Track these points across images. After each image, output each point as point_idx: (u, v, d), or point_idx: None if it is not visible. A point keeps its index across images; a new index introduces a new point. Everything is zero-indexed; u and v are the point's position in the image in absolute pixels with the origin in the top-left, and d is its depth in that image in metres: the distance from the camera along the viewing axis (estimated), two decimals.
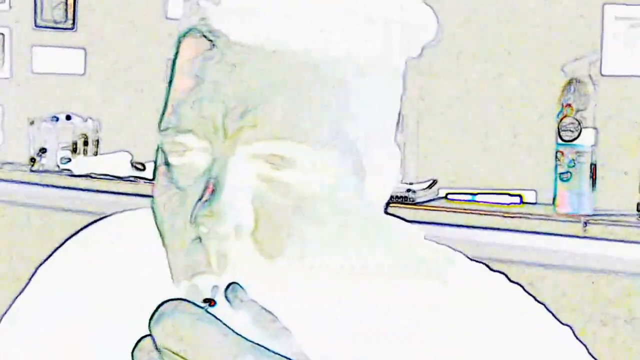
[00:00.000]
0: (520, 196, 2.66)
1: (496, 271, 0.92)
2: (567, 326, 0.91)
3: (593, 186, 2.50)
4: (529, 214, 2.50)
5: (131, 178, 3.06)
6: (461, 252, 0.94)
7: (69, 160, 3.19)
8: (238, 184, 0.81)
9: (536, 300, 0.92)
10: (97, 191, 3.07)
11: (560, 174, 2.51)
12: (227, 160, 0.81)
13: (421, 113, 2.88)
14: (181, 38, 0.87)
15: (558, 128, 2.51)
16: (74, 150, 3.25)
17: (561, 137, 2.51)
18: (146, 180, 3.02)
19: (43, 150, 3.24)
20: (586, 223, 2.41)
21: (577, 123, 2.49)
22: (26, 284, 1.00)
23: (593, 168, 2.50)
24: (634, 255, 2.37)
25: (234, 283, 0.80)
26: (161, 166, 0.86)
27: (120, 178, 3.07)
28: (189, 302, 0.77)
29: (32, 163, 3.24)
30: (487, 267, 0.93)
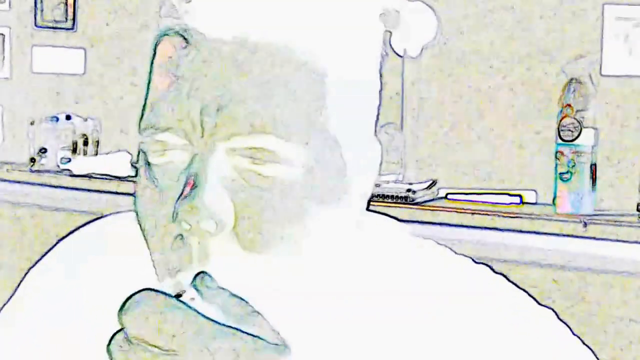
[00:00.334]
0: (520, 196, 2.66)
1: (480, 263, 0.93)
2: (550, 309, 0.91)
3: (593, 186, 2.50)
4: (529, 214, 2.50)
5: (131, 178, 3.06)
6: (451, 249, 0.94)
7: (69, 160, 3.19)
8: (218, 180, 0.81)
9: (519, 287, 0.93)
10: (97, 191, 3.07)
11: (560, 174, 2.51)
12: (205, 156, 0.82)
13: (421, 113, 2.88)
14: (158, 40, 0.87)
15: (558, 128, 2.51)
16: (74, 150, 3.25)
17: (561, 137, 2.51)
18: None
19: (43, 150, 3.24)
20: (586, 223, 2.41)
21: (577, 123, 2.49)
22: (17, 286, 1.00)
23: (593, 168, 2.50)
24: (634, 255, 2.37)
25: (202, 272, 0.80)
26: (142, 166, 0.86)
27: (120, 178, 3.07)
28: (158, 291, 0.77)
29: (32, 163, 3.24)
30: (472, 260, 0.93)
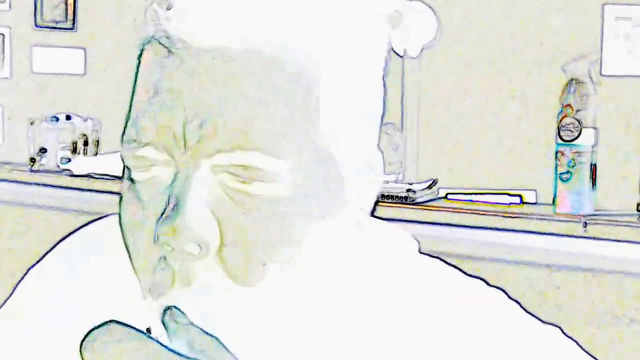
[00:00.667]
0: (520, 196, 2.66)
1: (473, 276, 0.88)
2: (555, 326, 0.86)
3: (593, 186, 2.50)
4: (529, 214, 2.50)
5: None
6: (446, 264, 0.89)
7: (69, 160, 3.19)
8: (202, 199, 0.76)
9: (520, 305, 0.87)
10: (97, 191, 3.07)
11: (560, 174, 2.51)
12: (190, 174, 0.77)
13: (421, 113, 2.88)
14: (142, 48, 0.83)
15: (558, 128, 2.51)
16: (74, 150, 3.25)
17: (561, 137, 2.51)
18: None
19: (43, 150, 3.24)
20: (586, 223, 2.41)
21: (577, 123, 2.49)
22: (16, 285, 0.98)
23: (593, 168, 2.50)
24: (634, 255, 2.37)
25: (172, 307, 0.76)
26: (125, 181, 0.82)
27: (120, 178, 3.06)
28: (121, 324, 0.74)
29: (32, 163, 3.24)
30: (464, 273, 0.88)
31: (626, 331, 2.37)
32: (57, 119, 3.28)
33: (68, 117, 3.28)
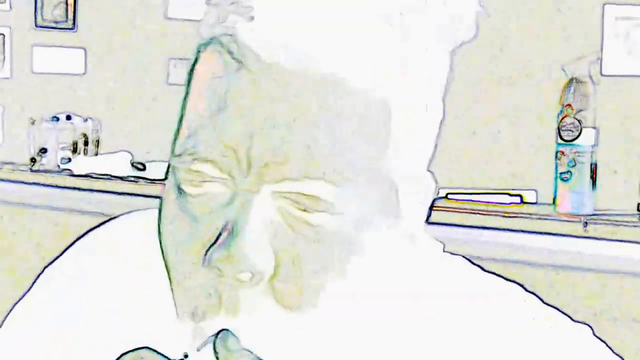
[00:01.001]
0: (520, 196, 2.66)
1: (512, 281, 0.87)
2: (587, 325, 0.84)
3: (593, 186, 2.50)
4: (529, 214, 2.50)
5: (131, 178, 3.06)
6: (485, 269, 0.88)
7: (69, 160, 3.19)
8: (259, 226, 0.72)
9: (551, 305, 0.87)
10: (97, 191, 3.07)
11: (560, 174, 2.50)
12: (249, 198, 0.72)
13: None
14: (201, 47, 0.77)
15: (558, 128, 2.51)
16: (74, 150, 3.25)
17: (561, 137, 2.51)
18: (146, 180, 3.02)
19: (43, 150, 3.24)
20: (586, 223, 2.41)
21: (578, 123, 2.49)
22: (33, 282, 0.96)
23: (593, 168, 2.50)
24: (634, 255, 2.37)
25: (225, 330, 0.73)
26: (171, 191, 0.77)
27: (120, 178, 3.07)
28: (154, 352, 0.72)
29: (33, 163, 3.24)
30: (504, 279, 0.86)
31: (626, 331, 2.37)
32: (58, 119, 3.28)
33: (68, 117, 3.28)
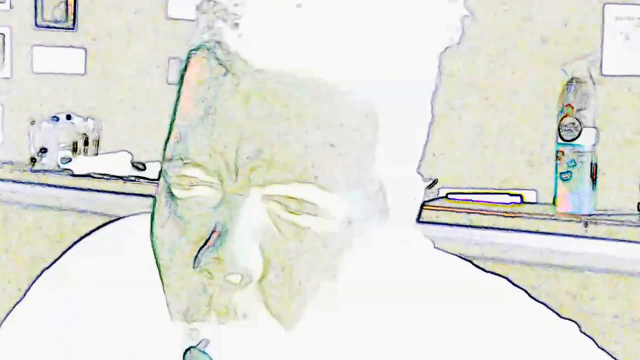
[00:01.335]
0: (520, 196, 2.66)
1: (500, 275, 0.87)
2: (572, 321, 0.85)
3: (593, 186, 2.50)
4: (529, 214, 2.50)
5: (131, 178, 3.06)
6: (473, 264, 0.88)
7: (69, 160, 3.19)
8: (248, 229, 0.73)
9: (538, 301, 0.87)
10: (97, 191, 3.07)
11: (560, 174, 2.50)
12: (238, 201, 0.73)
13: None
14: (191, 52, 0.78)
15: (558, 128, 2.51)
16: (74, 150, 3.25)
17: (561, 137, 2.51)
18: (146, 180, 3.02)
19: (43, 150, 3.24)
20: (587, 223, 2.41)
21: (578, 123, 2.49)
22: (30, 285, 0.96)
23: (593, 168, 2.50)
24: (635, 255, 2.37)
25: (192, 349, 0.74)
26: (162, 194, 0.78)
27: (120, 178, 3.07)
28: None
29: (33, 163, 3.24)
30: (493, 274, 0.87)
31: (626, 331, 2.37)
32: (58, 119, 3.28)
33: (68, 117, 3.28)
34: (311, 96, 0.73)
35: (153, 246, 0.79)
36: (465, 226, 2.54)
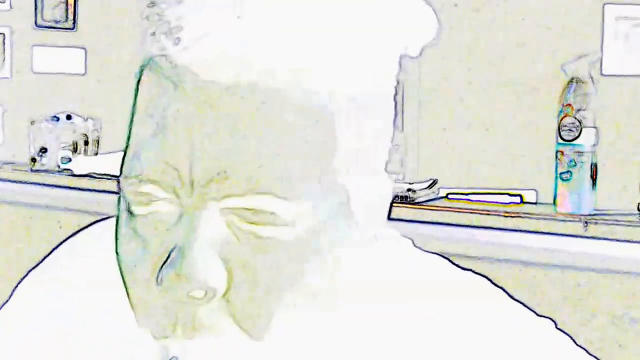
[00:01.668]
0: (520, 196, 2.66)
1: (479, 274, 0.86)
2: (548, 318, 0.84)
3: (593, 186, 2.50)
4: (529, 214, 2.50)
5: None
6: (448, 260, 0.88)
7: (70, 160, 3.19)
8: (208, 243, 0.72)
9: (516, 300, 0.88)
10: (98, 191, 3.07)
11: (560, 174, 2.50)
12: (195, 216, 0.72)
13: (421, 113, 2.88)
14: (143, 66, 0.78)
15: (558, 128, 2.51)
16: (75, 150, 3.25)
17: (561, 137, 2.51)
18: None
19: (43, 150, 3.24)
20: (587, 223, 2.41)
21: (578, 123, 2.49)
22: (15, 287, 0.96)
23: (593, 168, 2.50)
24: (635, 255, 2.37)
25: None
26: (123, 213, 0.77)
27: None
28: None
29: (33, 163, 3.24)
30: (473, 272, 0.86)
31: (626, 331, 2.37)
32: (58, 119, 3.28)
33: (68, 117, 3.28)
34: (262, 106, 0.72)
35: (118, 265, 0.78)
36: (465, 226, 2.54)
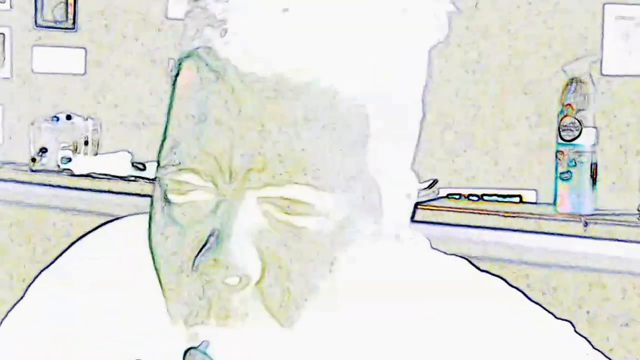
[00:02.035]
0: (520, 196, 2.66)
1: (496, 275, 0.87)
2: (567, 321, 0.86)
3: (593, 186, 2.50)
4: (529, 214, 2.50)
5: (131, 178, 3.06)
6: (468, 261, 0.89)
7: (70, 160, 3.19)
8: (245, 231, 0.74)
9: (533, 301, 0.89)
10: (98, 191, 3.07)
11: (560, 174, 2.50)
12: (234, 204, 0.74)
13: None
14: (182, 60, 0.79)
15: (558, 128, 2.51)
16: (75, 150, 3.25)
17: (561, 137, 2.51)
18: (146, 180, 3.02)
19: (43, 150, 3.24)
20: (586, 223, 2.41)
21: (578, 122, 2.49)
22: (28, 286, 0.96)
23: (593, 168, 2.50)
24: (635, 254, 2.37)
25: (192, 350, 0.75)
26: (159, 201, 0.79)
27: (120, 178, 3.07)
28: None
29: (33, 163, 3.24)
30: (489, 274, 0.87)
31: (626, 331, 2.37)
32: (58, 119, 3.28)
33: (68, 117, 3.28)
34: (302, 98, 0.74)
35: (151, 252, 0.79)
36: (465, 226, 2.54)
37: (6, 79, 3.50)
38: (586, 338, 0.85)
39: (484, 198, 2.65)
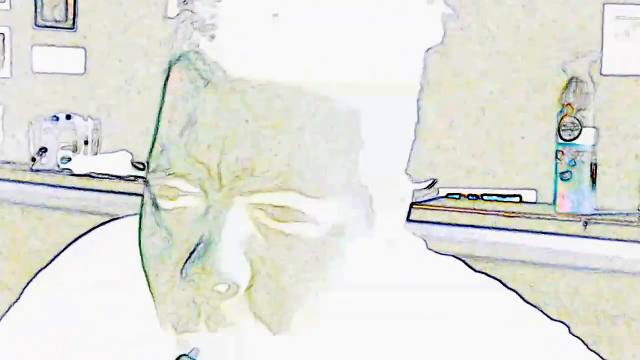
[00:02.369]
0: (520, 196, 2.66)
1: (493, 277, 0.87)
2: (562, 323, 0.86)
3: (593, 186, 2.50)
4: (529, 214, 2.50)
5: (132, 178, 3.06)
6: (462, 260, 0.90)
7: (70, 160, 3.19)
8: (234, 238, 0.73)
9: (528, 303, 0.88)
10: (98, 191, 3.07)
11: (560, 174, 2.50)
12: (223, 211, 0.73)
13: (421, 113, 2.87)
14: (172, 63, 0.79)
15: (558, 127, 2.51)
16: (75, 150, 3.25)
17: (561, 137, 2.51)
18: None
19: (43, 150, 3.24)
20: (586, 223, 2.41)
21: (578, 122, 2.49)
22: (25, 287, 0.96)
23: (593, 168, 2.50)
24: (635, 255, 2.37)
25: (184, 356, 0.74)
26: (148, 206, 0.79)
27: (120, 178, 3.07)
28: None
29: (33, 163, 3.24)
30: (486, 276, 0.87)
31: (626, 331, 2.37)
32: (58, 119, 3.28)
33: (68, 117, 3.28)
34: (292, 103, 0.73)
35: (141, 257, 0.79)
36: (465, 226, 2.54)
37: (6, 79, 3.50)
38: (582, 340, 0.85)
39: (484, 198, 2.65)
